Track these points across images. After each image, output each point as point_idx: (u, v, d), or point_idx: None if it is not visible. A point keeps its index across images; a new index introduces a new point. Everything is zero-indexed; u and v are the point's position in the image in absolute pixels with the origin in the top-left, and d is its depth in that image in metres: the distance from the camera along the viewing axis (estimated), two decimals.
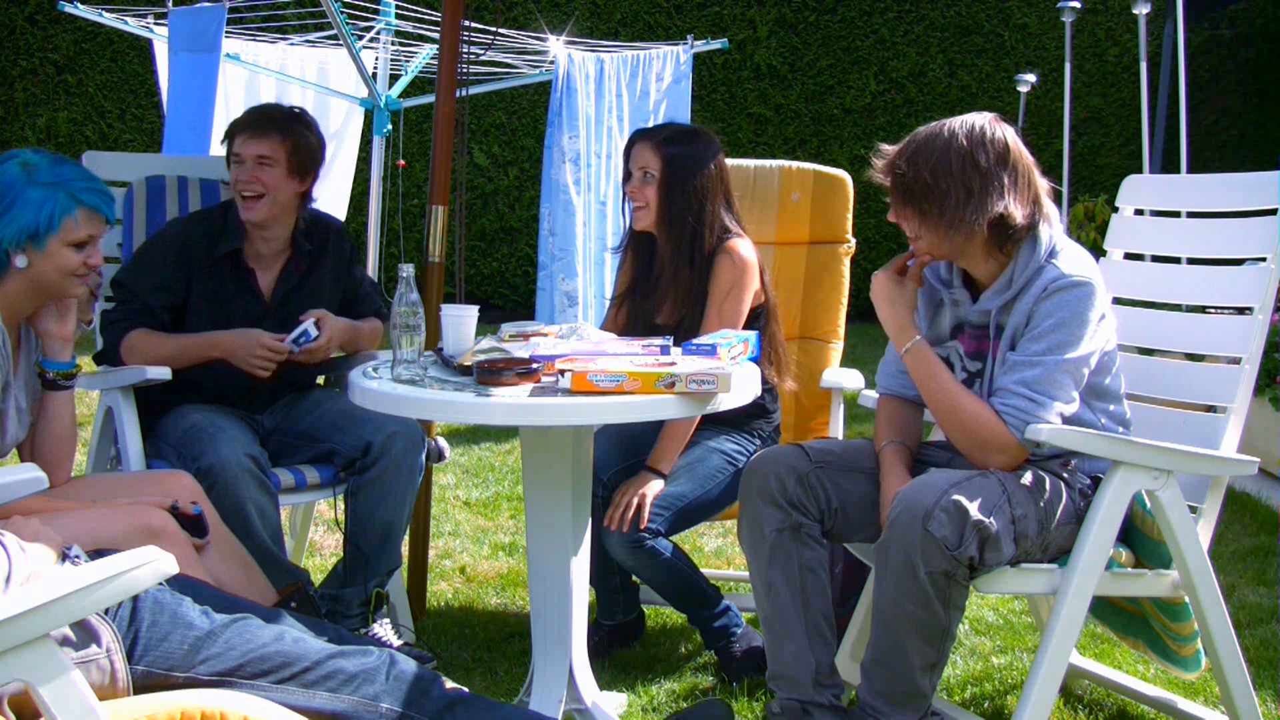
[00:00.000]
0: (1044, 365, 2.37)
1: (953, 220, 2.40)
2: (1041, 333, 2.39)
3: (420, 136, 9.12)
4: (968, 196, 2.38)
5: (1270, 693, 2.93)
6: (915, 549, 2.26)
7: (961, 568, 2.27)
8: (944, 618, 2.31)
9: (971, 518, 2.25)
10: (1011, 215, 2.39)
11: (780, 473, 2.55)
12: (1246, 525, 4.34)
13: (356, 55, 5.68)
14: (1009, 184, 2.40)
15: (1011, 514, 2.31)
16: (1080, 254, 2.47)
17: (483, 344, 2.59)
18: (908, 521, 2.28)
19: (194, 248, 3.06)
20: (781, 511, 2.54)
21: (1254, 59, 10.20)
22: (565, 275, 5.85)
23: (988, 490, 2.32)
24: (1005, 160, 2.41)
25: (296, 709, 1.90)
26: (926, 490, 2.30)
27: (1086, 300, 2.39)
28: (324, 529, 4.17)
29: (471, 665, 3.15)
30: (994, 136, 2.41)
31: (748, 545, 2.61)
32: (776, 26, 9.91)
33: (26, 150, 2.54)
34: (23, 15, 9.60)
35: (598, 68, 5.97)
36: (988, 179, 2.38)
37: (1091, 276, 2.42)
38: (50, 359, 2.64)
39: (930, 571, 2.26)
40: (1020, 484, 2.38)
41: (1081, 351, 2.39)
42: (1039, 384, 2.37)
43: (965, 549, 2.25)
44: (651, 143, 3.04)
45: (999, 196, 2.39)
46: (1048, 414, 2.36)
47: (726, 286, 3.03)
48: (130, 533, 2.38)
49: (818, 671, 2.51)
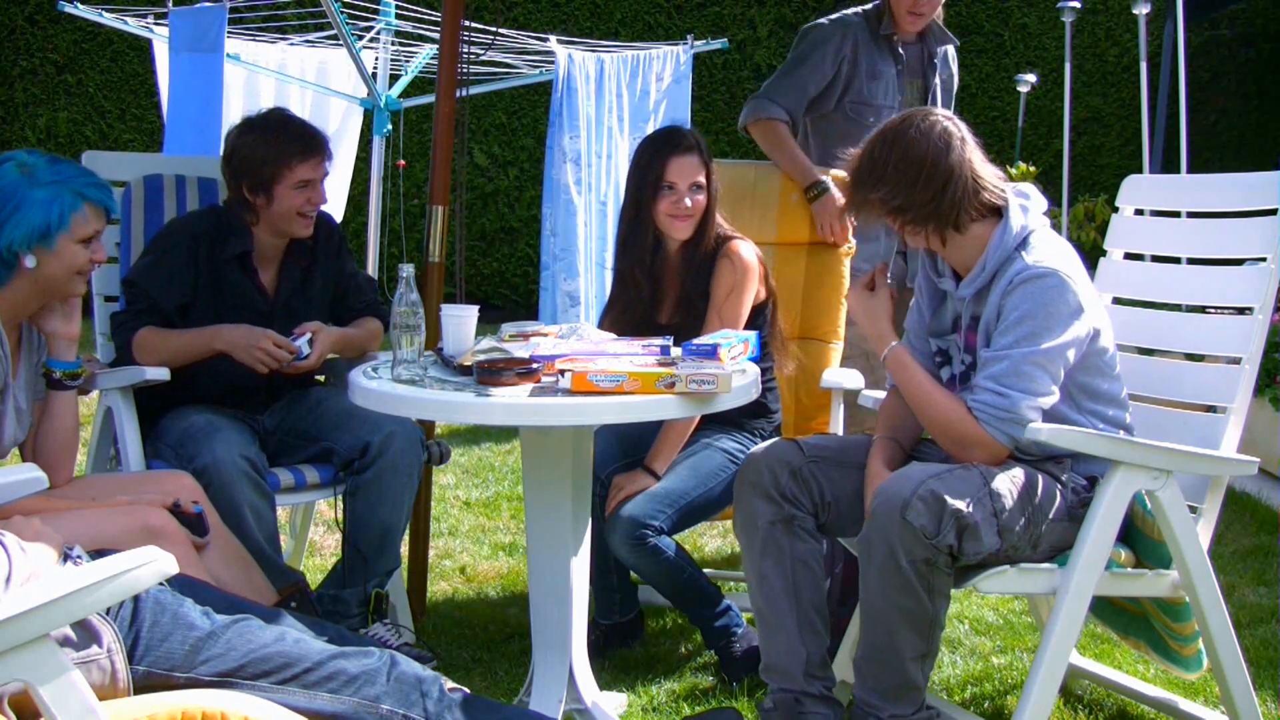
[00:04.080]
0: (1010, 359, 2.39)
1: (910, 210, 2.46)
2: (1008, 326, 2.41)
3: (420, 136, 9.12)
4: (910, 187, 2.44)
5: (1270, 693, 2.93)
6: (895, 538, 2.30)
7: (942, 555, 2.30)
8: (930, 606, 2.34)
9: (949, 506, 2.28)
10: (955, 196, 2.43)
11: (773, 466, 2.59)
12: (1246, 525, 4.34)
13: (356, 55, 5.68)
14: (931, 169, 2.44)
15: (993, 507, 2.33)
16: (1052, 245, 2.47)
17: (483, 344, 2.60)
18: (886, 512, 2.32)
19: (203, 247, 3.07)
20: (774, 504, 2.58)
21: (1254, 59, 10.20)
22: (567, 275, 5.86)
23: (967, 482, 2.35)
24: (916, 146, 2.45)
25: (297, 710, 1.90)
26: (904, 481, 2.35)
27: (1052, 291, 2.39)
28: (324, 529, 4.17)
29: (471, 665, 3.15)
30: (920, 127, 2.46)
31: (741, 538, 2.66)
32: (776, 26, 9.91)
33: (19, 152, 2.55)
34: (23, 15, 9.60)
35: (598, 68, 5.97)
36: (917, 167, 2.44)
37: (1059, 266, 2.40)
38: (56, 359, 2.64)
39: (912, 560, 2.29)
40: (1004, 478, 2.39)
41: (1052, 343, 2.38)
42: (1006, 378, 2.39)
43: (944, 537, 2.28)
44: (696, 155, 3.07)
45: (926, 182, 2.43)
46: (1018, 408, 2.38)
47: (727, 289, 3.06)
48: (131, 533, 2.38)
49: (808, 662, 2.54)
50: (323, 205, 3.16)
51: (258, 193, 3.04)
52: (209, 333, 3.01)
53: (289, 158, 3.03)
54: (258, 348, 2.95)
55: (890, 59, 3.76)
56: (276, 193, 3.03)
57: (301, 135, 3.08)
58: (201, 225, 3.11)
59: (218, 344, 2.99)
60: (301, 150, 3.05)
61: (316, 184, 3.08)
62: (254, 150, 3.04)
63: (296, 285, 3.18)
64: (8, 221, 2.46)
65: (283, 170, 3.02)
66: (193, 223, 3.15)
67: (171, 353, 2.98)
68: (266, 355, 2.96)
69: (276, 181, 3.03)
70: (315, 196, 3.08)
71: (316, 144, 3.08)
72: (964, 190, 2.44)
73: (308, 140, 3.07)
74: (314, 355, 3.03)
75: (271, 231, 3.10)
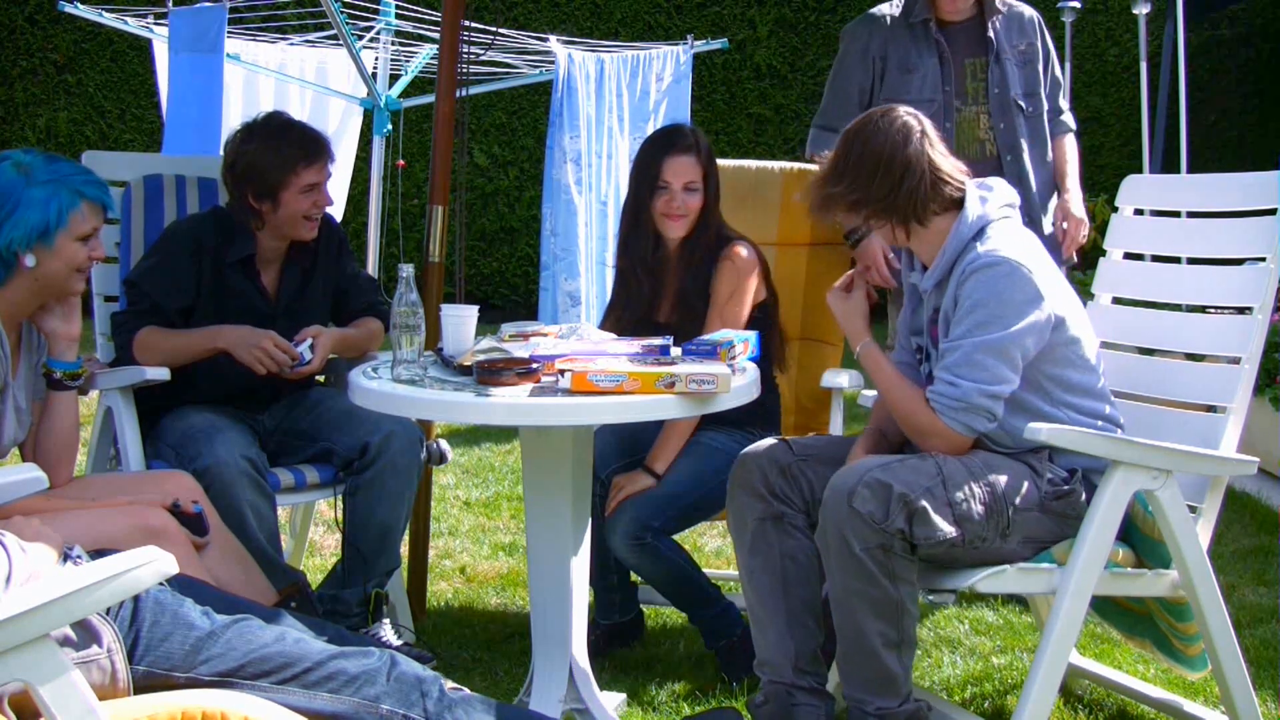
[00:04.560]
0: (962, 348, 2.41)
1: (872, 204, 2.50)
2: (960, 316, 2.44)
3: (420, 136, 9.11)
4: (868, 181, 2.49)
5: (1270, 693, 2.93)
6: (845, 526, 2.34)
7: (896, 540, 2.32)
8: (893, 591, 2.36)
9: (895, 491, 2.31)
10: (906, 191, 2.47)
11: (762, 464, 2.64)
12: (1246, 525, 4.33)
13: (356, 55, 5.68)
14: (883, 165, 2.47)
15: (947, 496, 2.35)
16: (1009, 235, 2.48)
17: (483, 344, 2.60)
18: (835, 502, 2.36)
19: (206, 250, 3.06)
20: (763, 501, 2.62)
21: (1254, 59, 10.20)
22: (568, 275, 5.85)
23: (918, 470, 2.37)
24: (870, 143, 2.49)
25: (297, 710, 1.90)
26: (853, 471, 2.39)
27: (1004, 279, 2.40)
28: (324, 529, 4.17)
29: (471, 665, 3.15)
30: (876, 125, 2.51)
31: (734, 535, 2.70)
32: (776, 26, 9.90)
33: (15, 152, 2.56)
34: (23, 15, 9.59)
35: (598, 68, 5.97)
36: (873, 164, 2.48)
37: (1011, 254, 2.42)
38: (57, 359, 2.64)
39: (866, 547, 2.32)
40: (960, 467, 2.40)
41: (1005, 331, 2.39)
42: (959, 368, 2.41)
43: (892, 521, 2.31)
44: (694, 155, 3.07)
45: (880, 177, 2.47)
46: (971, 397, 2.40)
47: (728, 290, 3.06)
48: (130, 533, 2.38)
49: (798, 656, 2.56)
50: (328, 207, 3.16)
51: (263, 200, 3.04)
52: (210, 332, 3.01)
53: (293, 163, 3.02)
54: (258, 348, 2.95)
55: (928, 48, 3.45)
56: (283, 199, 3.03)
57: (304, 140, 3.07)
58: (204, 228, 3.11)
59: (219, 343, 2.99)
60: (305, 155, 3.04)
61: (321, 187, 3.08)
62: (257, 158, 3.03)
63: (298, 287, 3.17)
64: (6, 221, 2.46)
65: (288, 177, 3.01)
66: (195, 226, 3.14)
67: (172, 353, 2.98)
68: (266, 356, 2.95)
69: (282, 188, 3.02)
70: (320, 199, 3.08)
71: (320, 148, 3.08)
72: (921, 182, 2.47)
73: (311, 144, 3.07)
74: (316, 360, 3.03)
75: (276, 236, 3.10)
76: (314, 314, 3.17)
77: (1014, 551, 2.43)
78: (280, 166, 3.02)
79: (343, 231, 3.34)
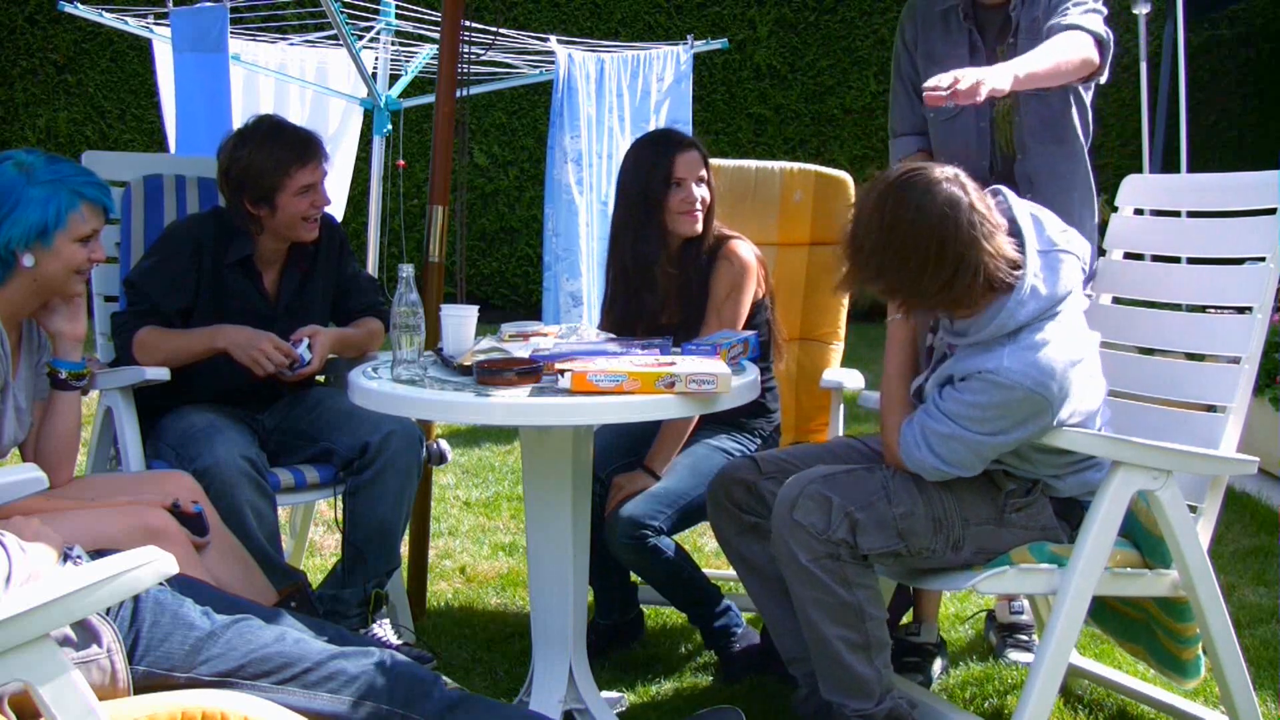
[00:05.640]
0: (952, 428, 2.35)
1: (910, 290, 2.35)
2: (961, 392, 2.35)
3: (420, 136, 9.12)
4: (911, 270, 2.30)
5: (1270, 693, 2.93)
6: (790, 537, 2.37)
7: (841, 549, 2.34)
8: (848, 596, 2.37)
9: (835, 503, 2.34)
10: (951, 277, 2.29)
11: (728, 484, 2.72)
12: (1246, 525, 4.33)
13: (356, 55, 5.68)
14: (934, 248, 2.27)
15: (891, 510, 2.37)
16: (1048, 343, 2.30)
17: (483, 344, 2.60)
18: (781, 513, 2.40)
19: (205, 251, 3.06)
20: (735, 518, 2.69)
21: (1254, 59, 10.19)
22: (569, 275, 5.86)
23: (861, 484, 2.40)
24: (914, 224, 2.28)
25: (297, 710, 1.90)
26: (796, 482, 2.42)
27: (1018, 402, 2.29)
28: (324, 529, 4.17)
29: (471, 665, 3.15)
30: (913, 202, 2.28)
31: (723, 551, 2.79)
32: (776, 26, 9.90)
33: (18, 151, 2.56)
34: (23, 15, 9.60)
35: (598, 68, 5.97)
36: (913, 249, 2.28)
37: (1036, 375, 2.27)
38: (61, 359, 2.64)
39: (813, 558, 2.35)
40: (907, 482, 2.41)
41: (993, 438, 2.33)
42: (938, 440, 2.38)
43: (835, 531, 2.33)
44: (696, 151, 3.08)
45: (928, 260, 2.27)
46: (928, 467, 2.38)
47: (726, 289, 3.06)
48: (130, 533, 2.38)
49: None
50: (326, 207, 3.15)
51: (260, 204, 3.04)
52: (209, 333, 3.01)
53: (287, 165, 3.02)
54: (257, 349, 2.95)
55: (957, 36, 3.04)
56: (279, 202, 3.02)
57: (296, 141, 3.07)
58: (204, 229, 3.10)
59: (219, 343, 2.98)
60: (299, 156, 3.03)
61: (317, 187, 3.07)
62: (251, 162, 3.02)
63: (298, 288, 3.17)
64: (5, 220, 2.47)
65: (283, 179, 3.01)
66: (195, 226, 3.14)
67: (172, 352, 2.98)
68: (265, 357, 2.95)
69: (278, 191, 3.02)
70: (318, 200, 3.08)
71: (312, 148, 3.07)
72: (976, 277, 2.27)
73: (303, 145, 3.06)
74: (315, 360, 3.03)
75: (276, 238, 3.10)
76: (314, 314, 3.17)
77: (966, 562, 2.44)
78: (274, 170, 3.01)
79: (343, 231, 3.34)
